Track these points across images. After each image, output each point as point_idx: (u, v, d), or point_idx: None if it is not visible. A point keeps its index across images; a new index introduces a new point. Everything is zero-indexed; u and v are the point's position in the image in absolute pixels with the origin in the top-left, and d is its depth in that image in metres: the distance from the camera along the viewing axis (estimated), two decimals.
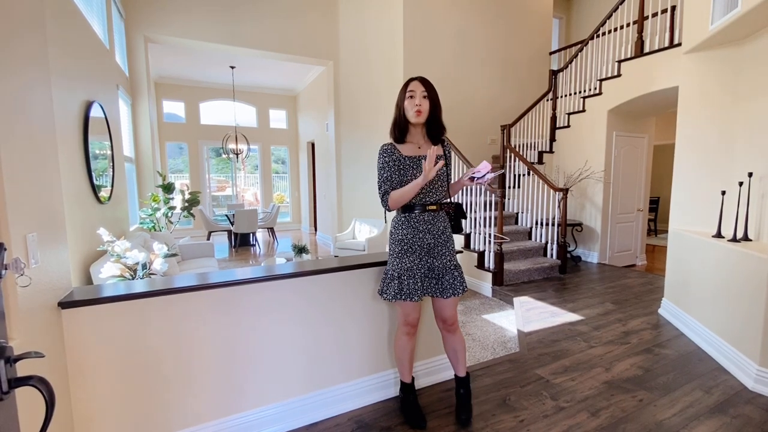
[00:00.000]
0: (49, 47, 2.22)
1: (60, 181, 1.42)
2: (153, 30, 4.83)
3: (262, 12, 5.38)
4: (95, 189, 2.94)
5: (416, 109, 1.63)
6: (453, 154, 1.83)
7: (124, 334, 1.44)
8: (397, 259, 1.69)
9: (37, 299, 1.17)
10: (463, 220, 1.84)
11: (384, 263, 1.93)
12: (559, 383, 2.13)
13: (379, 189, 1.69)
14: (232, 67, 7.32)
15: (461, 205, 1.77)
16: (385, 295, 1.70)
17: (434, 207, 1.68)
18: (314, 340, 1.80)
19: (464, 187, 1.64)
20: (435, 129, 1.69)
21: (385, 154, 1.68)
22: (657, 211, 8.00)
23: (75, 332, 1.37)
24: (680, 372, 2.25)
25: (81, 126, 2.78)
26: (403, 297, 1.65)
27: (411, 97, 1.64)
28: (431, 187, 1.67)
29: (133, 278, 2.04)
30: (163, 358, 1.50)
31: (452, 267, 1.70)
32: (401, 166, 1.66)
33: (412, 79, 1.67)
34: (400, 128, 1.70)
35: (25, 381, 0.70)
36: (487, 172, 1.59)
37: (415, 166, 1.66)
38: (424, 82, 1.65)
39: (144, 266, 2.04)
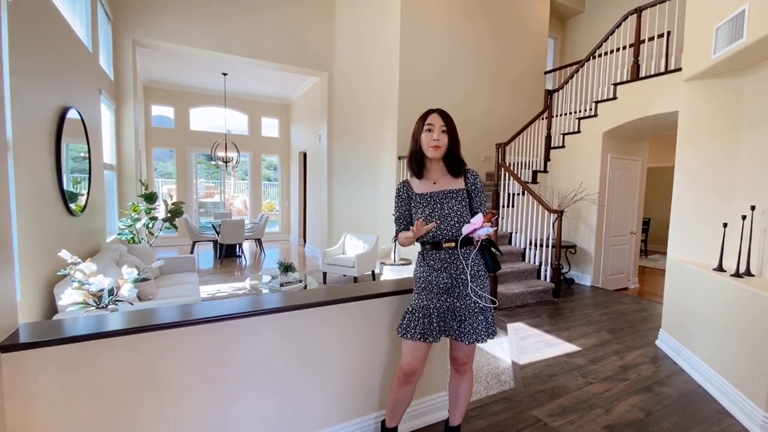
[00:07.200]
0: (17, 49, 2.07)
1: (9, 198, 1.25)
2: (142, 34, 4.68)
3: (256, 21, 5.27)
4: (66, 201, 2.75)
5: (433, 144, 1.53)
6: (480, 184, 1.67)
7: (80, 381, 1.26)
8: (416, 295, 1.61)
9: None
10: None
11: (375, 296, 1.80)
12: (558, 427, 1.99)
13: (395, 225, 1.69)
14: (225, 74, 7.18)
15: (491, 239, 1.58)
16: (397, 330, 1.61)
17: (451, 244, 1.54)
18: (293, 382, 1.64)
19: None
20: (454, 164, 1.59)
21: (397, 192, 1.67)
22: (647, 232, 8.01)
23: (17, 380, 1.19)
24: (683, 415, 2.13)
25: (53, 134, 2.60)
26: (409, 335, 1.55)
27: (429, 130, 1.54)
28: (444, 223, 1.54)
29: (98, 305, 1.86)
30: (125, 405, 1.33)
31: (476, 310, 1.54)
32: (412, 204, 1.60)
33: (431, 111, 1.57)
34: (417, 161, 1.61)
35: None
36: (478, 228, 1.42)
37: (425, 204, 1.57)
38: (443, 115, 1.56)
39: (111, 292, 1.86)
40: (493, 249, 1.61)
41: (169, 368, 1.39)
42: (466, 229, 1.44)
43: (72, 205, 2.90)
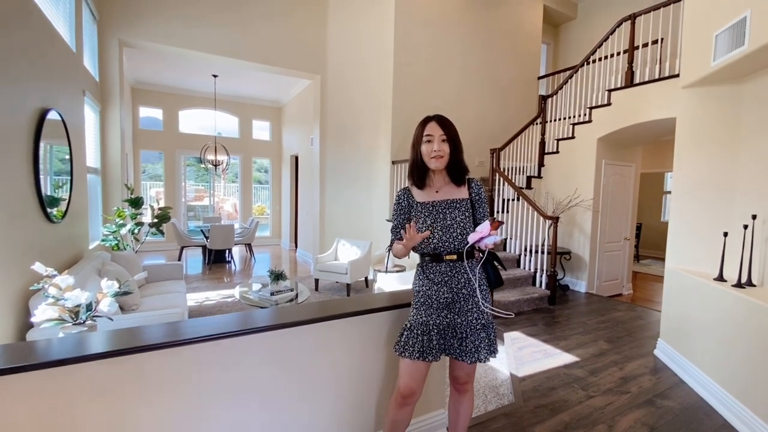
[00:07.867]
0: None
1: None
2: (129, 34, 4.54)
3: (248, 22, 5.16)
4: (44, 207, 2.61)
5: (434, 155, 1.46)
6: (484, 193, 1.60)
7: (51, 411, 1.15)
8: (415, 310, 1.52)
9: None
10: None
11: (370, 311, 1.71)
12: None
13: (391, 234, 1.60)
14: (215, 76, 7.05)
15: (494, 253, 1.52)
16: (395, 347, 1.52)
17: (453, 257, 1.46)
18: (284, 402, 1.54)
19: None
20: (457, 172, 1.52)
21: (396, 200, 1.58)
22: (639, 237, 8.05)
23: None
24: (687, 430, 2.08)
25: (31, 137, 2.46)
26: (407, 354, 1.46)
27: (429, 141, 1.46)
28: (446, 235, 1.46)
29: (74, 321, 1.74)
30: None
31: (478, 327, 1.46)
32: (413, 213, 1.53)
33: (429, 119, 1.49)
34: (419, 173, 1.53)
35: None
36: (485, 236, 1.35)
37: (427, 214, 1.49)
38: (442, 122, 1.47)
39: (89, 307, 1.74)
40: (495, 263, 1.54)
41: (151, 390, 1.28)
42: (472, 238, 1.36)
43: (52, 211, 2.76)
